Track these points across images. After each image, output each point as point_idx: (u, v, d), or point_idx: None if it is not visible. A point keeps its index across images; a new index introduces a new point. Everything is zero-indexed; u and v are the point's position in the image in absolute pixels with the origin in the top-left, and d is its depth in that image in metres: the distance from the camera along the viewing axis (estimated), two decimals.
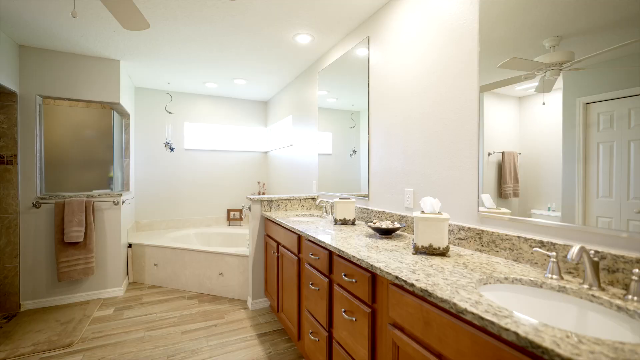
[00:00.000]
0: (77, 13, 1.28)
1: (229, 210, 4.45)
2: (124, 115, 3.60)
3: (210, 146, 4.47)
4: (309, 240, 1.81)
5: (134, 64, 3.18)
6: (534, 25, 1.18)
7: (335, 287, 1.50)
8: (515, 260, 1.22)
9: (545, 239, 1.13)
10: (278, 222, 2.30)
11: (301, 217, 2.64)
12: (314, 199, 3.00)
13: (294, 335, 2.05)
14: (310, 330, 1.77)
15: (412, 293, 1.01)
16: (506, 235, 1.26)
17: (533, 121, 1.18)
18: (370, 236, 1.71)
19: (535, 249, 1.08)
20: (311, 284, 1.76)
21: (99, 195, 2.98)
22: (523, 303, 0.99)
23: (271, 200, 2.81)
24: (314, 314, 1.73)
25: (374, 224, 1.77)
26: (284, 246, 2.27)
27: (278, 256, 2.36)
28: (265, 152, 4.81)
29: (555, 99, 1.12)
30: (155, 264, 3.33)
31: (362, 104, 2.33)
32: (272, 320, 2.56)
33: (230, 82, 3.82)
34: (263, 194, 4.59)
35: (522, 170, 1.23)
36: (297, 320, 1.99)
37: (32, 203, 2.74)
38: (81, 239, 2.80)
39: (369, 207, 2.20)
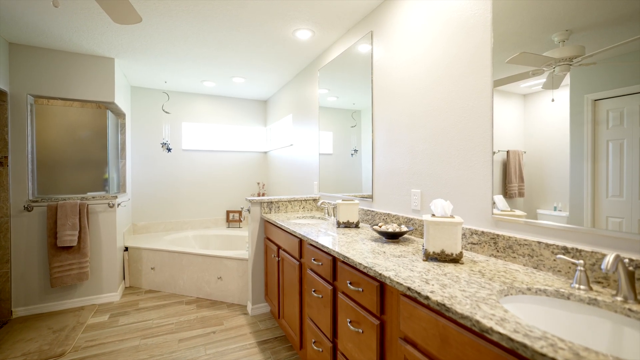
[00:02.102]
0: (59, 2, 1.19)
1: (228, 212, 4.35)
2: (120, 115, 3.51)
3: (208, 146, 4.37)
4: (311, 245, 1.72)
5: (129, 62, 3.09)
6: (543, 19, 1.13)
7: (340, 296, 1.41)
8: (536, 268, 1.13)
9: (569, 245, 1.04)
10: (278, 225, 2.21)
11: (302, 220, 2.55)
12: (315, 200, 2.91)
13: (295, 344, 1.95)
14: (313, 340, 1.68)
15: (427, 307, 0.91)
16: (525, 240, 1.16)
17: (538, 119, 1.14)
18: (375, 240, 1.62)
19: (559, 256, 0.99)
20: (314, 291, 1.66)
21: (93, 197, 2.89)
22: (550, 317, 0.90)
23: (271, 202, 2.72)
24: (317, 323, 1.64)
25: (380, 227, 1.68)
26: (284, 250, 2.18)
27: (279, 260, 2.27)
28: (265, 152, 4.72)
29: (561, 96, 1.06)
30: (152, 268, 3.24)
31: (364, 102, 2.25)
32: (273, 326, 2.47)
33: (228, 81, 3.72)
34: (263, 194, 4.50)
35: (527, 169, 1.19)
36: (299, 328, 1.90)
37: (24, 206, 2.65)
38: (75, 243, 2.70)
39: (373, 209, 2.11)
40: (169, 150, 3.92)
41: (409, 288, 0.95)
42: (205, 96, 4.34)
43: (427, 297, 0.88)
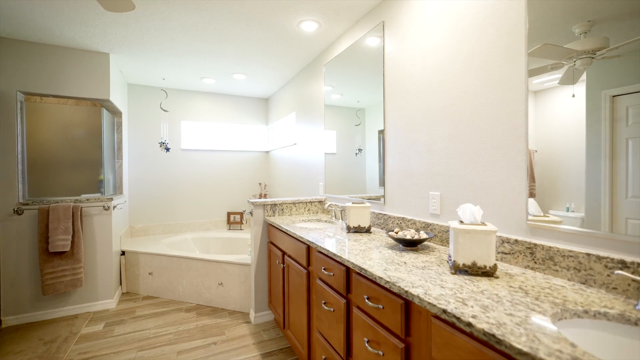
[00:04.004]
0: None
1: (229, 213, 4.21)
2: (116, 113, 3.37)
3: (208, 146, 4.23)
4: (321, 253, 1.58)
5: (124, 57, 2.94)
6: (563, 9, 1.05)
7: (355, 311, 1.27)
8: (584, 284, 0.98)
9: (628, 259, 0.89)
10: (283, 230, 2.07)
11: (308, 223, 2.41)
12: (320, 202, 2.76)
13: (303, 358, 1.81)
14: (324, 356, 1.54)
15: (470, 335, 0.77)
16: (569, 251, 1.02)
17: (550, 117, 1.09)
18: (391, 248, 1.48)
19: (617, 272, 0.84)
20: (324, 304, 1.52)
21: (87, 199, 2.75)
22: (618, 348, 0.76)
23: (275, 204, 2.58)
24: (328, 338, 1.50)
25: (396, 233, 1.54)
26: (290, 256, 2.04)
27: (284, 267, 2.13)
28: (267, 152, 4.58)
29: (576, 92, 1.02)
30: (150, 273, 3.10)
31: (369, 100, 2.14)
32: (277, 336, 2.33)
33: (229, 77, 3.58)
34: (265, 195, 4.36)
35: (538, 168, 1.14)
36: (307, 342, 1.76)
37: (14, 209, 2.51)
38: (68, 248, 2.56)
39: (385, 213, 1.97)
40: (167, 149, 3.78)
41: (444, 311, 0.81)
42: (204, 94, 4.19)
43: (469, 324, 0.74)
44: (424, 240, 1.42)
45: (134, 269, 3.16)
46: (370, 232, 1.86)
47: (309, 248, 1.76)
